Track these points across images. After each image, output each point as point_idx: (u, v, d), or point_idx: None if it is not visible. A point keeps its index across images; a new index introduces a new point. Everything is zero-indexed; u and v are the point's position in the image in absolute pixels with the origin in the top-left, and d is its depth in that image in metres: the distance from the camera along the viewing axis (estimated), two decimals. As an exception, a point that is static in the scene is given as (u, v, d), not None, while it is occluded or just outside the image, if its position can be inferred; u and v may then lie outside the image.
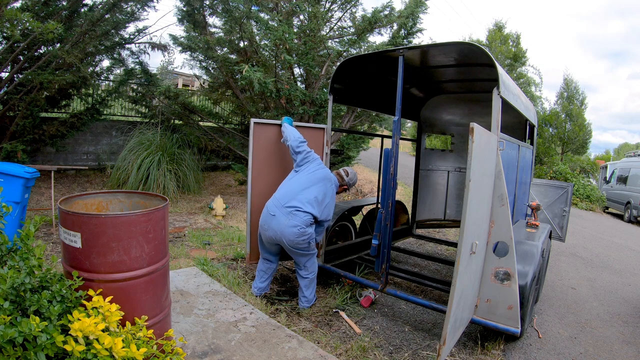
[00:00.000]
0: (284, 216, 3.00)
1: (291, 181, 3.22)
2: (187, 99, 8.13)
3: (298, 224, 2.98)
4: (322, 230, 3.33)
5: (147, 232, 1.91)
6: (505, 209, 2.64)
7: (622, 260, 6.51)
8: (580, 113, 16.44)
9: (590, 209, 13.30)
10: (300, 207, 3.03)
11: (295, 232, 2.98)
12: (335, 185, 3.35)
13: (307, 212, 3.03)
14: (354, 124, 8.14)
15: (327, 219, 3.23)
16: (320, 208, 3.12)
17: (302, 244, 3.06)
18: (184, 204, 6.91)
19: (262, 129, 3.51)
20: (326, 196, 3.18)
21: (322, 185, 3.19)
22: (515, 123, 4.36)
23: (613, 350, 3.14)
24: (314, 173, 3.23)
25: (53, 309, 1.64)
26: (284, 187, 3.20)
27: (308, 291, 3.26)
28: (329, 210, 3.22)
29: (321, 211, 3.13)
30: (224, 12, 6.69)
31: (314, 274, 3.27)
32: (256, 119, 3.49)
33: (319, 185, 3.17)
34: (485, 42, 16.95)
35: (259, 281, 3.36)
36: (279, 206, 3.05)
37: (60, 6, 6.24)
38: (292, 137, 3.33)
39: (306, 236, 3.04)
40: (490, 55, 2.75)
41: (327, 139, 3.74)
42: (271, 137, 3.52)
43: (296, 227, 2.98)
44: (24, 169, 3.65)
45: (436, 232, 6.56)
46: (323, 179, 3.23)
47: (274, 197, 3.16)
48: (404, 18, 6.87)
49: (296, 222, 2.98)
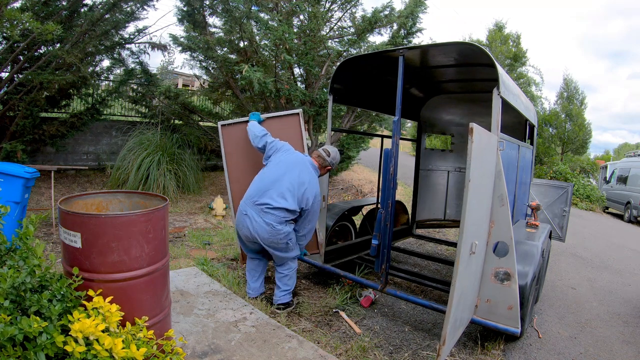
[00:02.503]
0: (256, 214, 2.90)
1: (261, 176, 3.07)
2: (187, 99, 8.13)
3: (270, 222, 2.86)
4: (309, 225, 3.12)
5: (147, 232, 1.91)
6: (505, 209, 2.64)
7: (622, 260, 6.50)
8: (580, 113, 16.44)
9: (590, 209, 13.30)
10: (270, 203, 2.88)
11: (268, 231, 2.88)
12: (314, 167, 3.12)
13: (280, 207, 2.87)
14: (354, 124, 8.14)
15: (308, 207, 3.02)
16: (297, 197, 2.92)
17: (279, 243, 2.93)
18: (184, 204, 6.91)
19: (231, 129, 3.48)
20: (303, 182, 2.96)
21: (295, 171, 2.99)
22: (515, 123, 4.35)
23: (613, 350, 3.14)
24: (283, 161, 3.05)
25: (53, 308, 1.64)
26: (254, 184, 3.04)
27: (284, 285, 3.13)
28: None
29: (299, 199, 2.93)
30: (224, 12, 6.68)
31: (292, 271, 3.16)
32: (222, 121, 3.47)
33: (291, 173, 2.97)
34: (486, 42, 16.94)
35: (251, 281, 3.28)
36: (250, 204, 2.95)
37: (60, 6, 6.24)
38: (252, 135, 3.24)
39: (281, 235, 2.91)
40: (490, 55, 2.75)
41: (303, 124, 3.44)
42: (242, 135, 3.45)
43: (269, 226, 2.87)
44: (24, 169, 3.65)
45: (436, 232, 6.56)
46: (295, 165, 3.03)
47: (246, 194, 3.03)
48: (404, 18, 6.87)
49: (268, 220, 2.87)
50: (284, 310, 3.12)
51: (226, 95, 8.27)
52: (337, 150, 3.29)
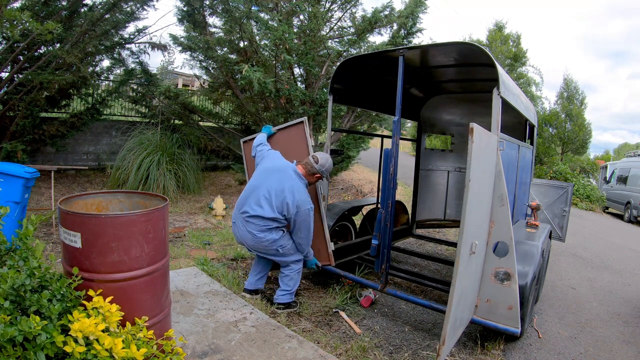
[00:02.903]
0: (241, 223, 2.98)
1: (246, 185, 3.10)
2: (187, 99, 8.13)
3: (251, 230, 2.92)
4: (299, 235, 2.99)
5: (147, 232, 1.91)
6: (505, 209, 2.64)
7: (622, 260, 6.50)
8: (580, 113, 16.43)
9: (590, 209, 13.30)
10: (248, 211, 2.92)
11: (251, 239, 2.94)
12: (298, 174, 2.99)
13: (256, 215, 2.88)
14: (354, 124, 8.14)
15: (290, 215, 2.91)
16: (275, 204, 2.86)
17: (268, 249, 2.97)
18: (184, 204, 6.91)
19: (252, 144, 3.56)
20: (283, 189, 2.87)
21: (274, 178, 2.93)
22: (515, 123, 4.36)
23: (613, 350, 3.14)
24: (265, 169, 3.04)
25: (53, 308, 1.64)
26: (242, 193, 3.07)
27: (283, 285, 3.14)
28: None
29: (278, 207, 2.86)
30: (224, 12, 6.69)
31: (294, 272, 3.14)
32: (244, 138, 3.59)
33: (269, 180, 2.93)
34: (486, 42, 16.94)
35: (250, 275, 3.34)
36: (237, 213, 3.05)
37: (60, 6, 6.24)
38: (252, 147, 3.33)
39: (265, 242, 2.92)
40: (490, 55, 2.75)
41: (308, 131, 3.35)
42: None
43: (250, 234, 2.93)
44: (24, 169, 3.65)
45: (436, 232, 6.56)
46: (274, 172, 2.97)
47: (236, 204, 3.10)
48: (404, 18, 6.87)
49: (249, 229, 2.93)
50: (284, 310, 3.12)
51: (226, 95, 8.27)
52: (328, 157, 3.13)
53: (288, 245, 3.03)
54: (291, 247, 3.06)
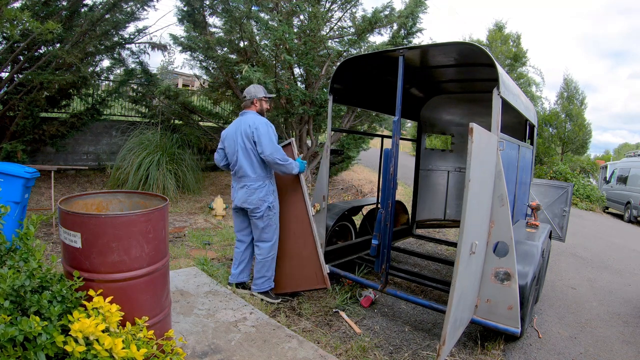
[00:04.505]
0: (236, 183, 3.26)
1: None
2: (187, 98, 8.13)
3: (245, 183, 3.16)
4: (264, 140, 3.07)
5: (147, 232, 1.91)
6: (505, 209, 2.64)
7: (622, 260, 6.50)
8: (580, 113, 16.42)
9: (590, 209, 13.30)
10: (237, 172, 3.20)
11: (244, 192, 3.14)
12: (252, 113, 3.16)
13: (245, 175, 3.14)
14: (354, 124, 8.14)
15: (264, 152, 3.03)
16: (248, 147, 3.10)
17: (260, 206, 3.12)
18: (184, 204, 6.91)
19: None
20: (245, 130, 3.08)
21: (236, 137, 3.13)
22: (515, 123, 4.35)
23: (613, 350, 3.14)
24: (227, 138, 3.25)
25: (53, 309, 1.64)
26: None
27: (256, 273, 3.24)
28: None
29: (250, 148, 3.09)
30: (224, 12, 6.69)
31: (268, 256, 3.21)
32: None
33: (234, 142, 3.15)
34: (486, 42, 16.93)
35: (232, 267, 3.42)
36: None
37: (60, 6, 6.24)
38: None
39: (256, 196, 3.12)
40: (490, 55, 2.75)
41: (295, 151, 3.46)
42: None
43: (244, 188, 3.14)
44: (24, 169, 3.65)
45: (436, 232, 6.56)
46: (233, 134, 3.16)
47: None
48: (404, 18, 6.87)
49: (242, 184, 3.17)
50: (260, 297, 3.22)
51: (226, 95, 8.27)
52: (254, 86, 3.29)
53: (275, 209, 3.20)
54: (276, 219, 3.22)
